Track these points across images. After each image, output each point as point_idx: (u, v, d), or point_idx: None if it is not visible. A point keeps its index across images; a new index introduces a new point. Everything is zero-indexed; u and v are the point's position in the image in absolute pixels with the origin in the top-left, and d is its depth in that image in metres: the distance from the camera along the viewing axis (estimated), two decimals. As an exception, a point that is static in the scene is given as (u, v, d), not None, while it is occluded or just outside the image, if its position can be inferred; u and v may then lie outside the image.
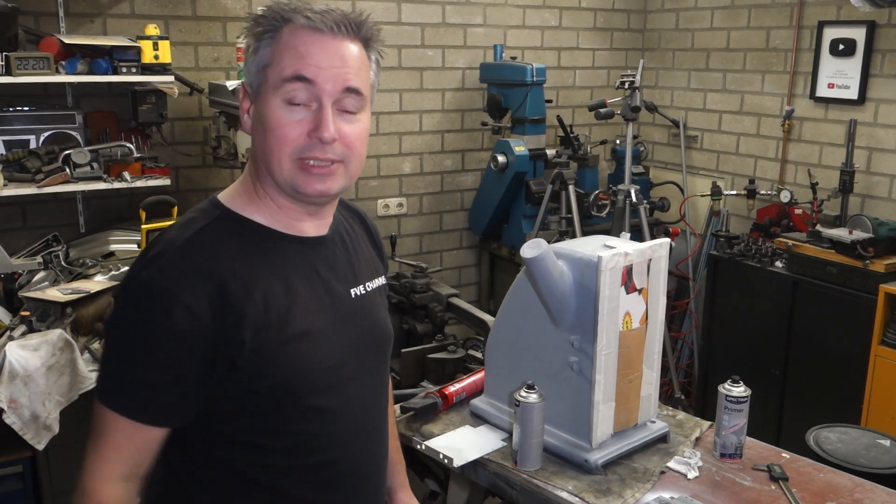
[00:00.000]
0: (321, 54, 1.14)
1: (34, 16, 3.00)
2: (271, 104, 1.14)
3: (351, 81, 1.15)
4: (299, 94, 1.14)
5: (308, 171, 1.16)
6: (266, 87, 1.15)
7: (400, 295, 3.29)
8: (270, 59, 1.15)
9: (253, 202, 1.21)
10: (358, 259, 1.33)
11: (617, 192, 3.75)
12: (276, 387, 1.16)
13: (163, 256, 1.11)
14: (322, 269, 1.25)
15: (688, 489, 1.63)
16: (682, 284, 4.35)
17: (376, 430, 1.36)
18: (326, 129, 1.13)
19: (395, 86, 3.94)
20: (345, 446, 1.26)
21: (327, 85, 1.14)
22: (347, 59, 1.16)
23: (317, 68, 1.13)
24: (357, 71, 1.16)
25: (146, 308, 1.09)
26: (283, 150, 1.14)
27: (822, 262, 3.35)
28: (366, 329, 1.30)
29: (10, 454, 2.51)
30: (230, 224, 1.19)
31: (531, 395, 1.63)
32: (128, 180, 2.93)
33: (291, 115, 1.14)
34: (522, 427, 1.65)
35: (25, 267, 2.81)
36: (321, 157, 1.15)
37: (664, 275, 1.74)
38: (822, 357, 3.42)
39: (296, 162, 1.15)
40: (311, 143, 1.14)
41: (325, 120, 1.13)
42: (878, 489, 1.64)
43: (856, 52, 3.64)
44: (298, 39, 1.14)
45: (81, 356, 2.53)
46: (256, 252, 1.18)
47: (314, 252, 1.25)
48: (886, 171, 3.60)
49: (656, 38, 4.68)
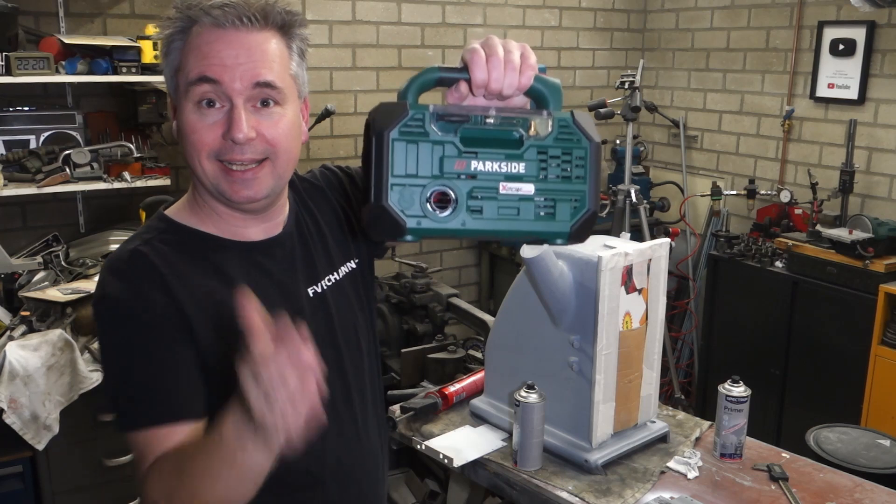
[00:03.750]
0: (225, 51, 1.08)
1: (34, 16, 3.00)
2: (185, 109, 1.10)
3: (262, 76, 1.09)
4: (208, 96, 1.09)
5: (231, 176, 1.11)
6: (179, 93, 1.11)
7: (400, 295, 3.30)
8: (179, 63, 1.10)
9: (196, 213, 1.19)
10: (320, 251, 1.29)
11: (617, 192, 3.75)
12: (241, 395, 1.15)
13: (109, 275, 1.11)
14: (275, 272, 1.21)
15: (688, 489, 1.63)
16: (682, 284, 4.35)
17: (364, 432, 1.31)
18: (239, 130, 1.07)
19: (395, 86, 3.91)
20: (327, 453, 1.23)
21: (235, 83, 1.08)
22: (254, 53, 1.09)
23: (221, 67, 1.08)
24: (269, 63, 1.10)
25: (118, 323, 1.09)
26: (200, 154, 1.11)
27: (822, 262, 3.35)
28: (329, 328, 1.26)
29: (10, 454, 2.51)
30: (175, 236, 1.17)
31: (531, 395, 1.63)
32: (128, 180, 2.93)
33: (204, 119, 1.09)
34: (522, 427, 1.65)
35: (25, 267, 2.81)
36: (240, 158, 1.10)
37: (664, 275, 1.74)
38: (822, 357, 3.42)
39: (216, 165, 1.11)
40: (227, 144, 1.09)
41: (236, 120, 1.08)
42: (878, 489, 1.64)
43: (856, 52, 3.64)
44: (202, 39, 1.09)
45: (81, 356, 2.53)
46: (202, 262, 1.15)
47: (265, 256, 1.21)
48: (886, 171, 3.60)
49: (656, 38, 4.68)
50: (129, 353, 1.09)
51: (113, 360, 1.13)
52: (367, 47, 3.82)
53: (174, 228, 1.18)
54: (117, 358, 1.12)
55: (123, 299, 1.09)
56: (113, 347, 1.11)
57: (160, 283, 1.10)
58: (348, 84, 3.81)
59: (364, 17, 3.79)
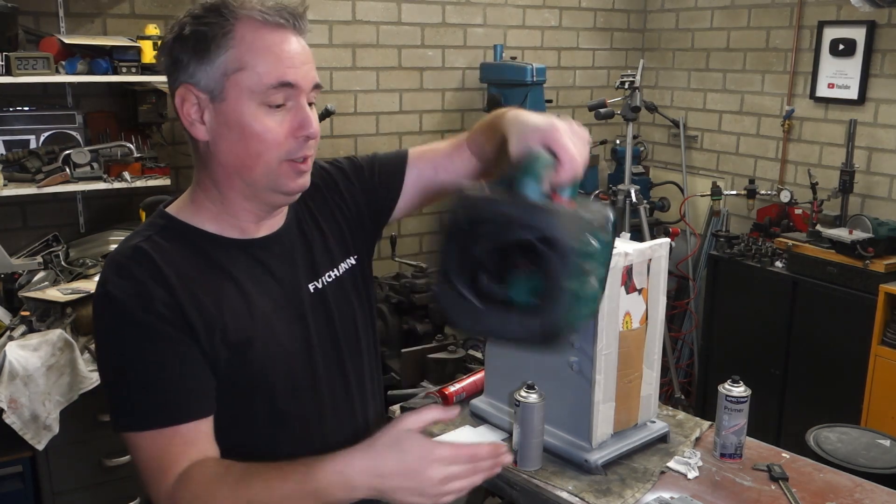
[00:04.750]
0: (296, 54, 1.12)
1: (34, 16, 3.00)
2: (248, 109, 1.10)
3: (316, 78, 1.16)
4: (286, 99, 1.12)
5: (297, 168, 1.15)
6: (237, 92, 1.10)
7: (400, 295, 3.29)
8: (240, 63, 1.09)
9: (197, 211, 1.19)
10: (320, 247, 1.29)
11: (617, 192, 3.75)
12: (245, 392, 1.14)
13: (111, 272, 1.11)
14: (276, 269, 1.22)
15: (688, 489, 1.63)
16: (682, 284, 4.35)
17: (363, 427, 1.32)
18: (312, 126, 1.14)
19: (395, 86, 3.94)
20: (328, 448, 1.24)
21: (305, 84, 1.13)
22: (309, 55, 1.15)
23: (295, 70, 1.11)
24: (314, 65, 1.16)
25: (121, 321, 1.08)
26: (270, 153, 1.12)
27: (822, 262, 3.35)
28: (329, 324, 1.26)
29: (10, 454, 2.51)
30: (176, 232, 1.17)
31: (531, 395, 1.63)
32: (128, 180, 2.93)
33: (275, 119, 1.11)
34: (522, 427, 1.65)
35: (25, 267, 2.81)
36: (310, 154, 1.16)
37: (664, 275, 1.74)
38: (822, 357, 3.42)
39: (282, 164, 1.13)
40: (298, 142, 1.13)
41: (310, 119, 1.14)
42: (878, 489, 1.64)
43: (856, 52, 3.64)
44: (267, 40, 1.10)
45: (81, 356, 2.53)
46: (203, 259, 1.16)
47: (266, 252, 1.22)
48: (886, 171, 3.60)
49: (656, 38, 4.68)
50: (133, 352, 1.08)
51: (114, 359, 1.11)
52: (367, 47, 3.82)
53: (175, 225, 1.18)
54: (119, 356, 1.10)
55: (126, 297, 1.08)
56: (114, 345, 1.10)
57: (162, 280, 1.10)
58: (348, 84, 3.81)
59: (364, 17, 3.79)
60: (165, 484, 1.06)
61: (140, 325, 1.08)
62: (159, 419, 1.08)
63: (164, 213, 1.20)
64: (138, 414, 1.09)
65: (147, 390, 1.09)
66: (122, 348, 1.10)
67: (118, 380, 1.11)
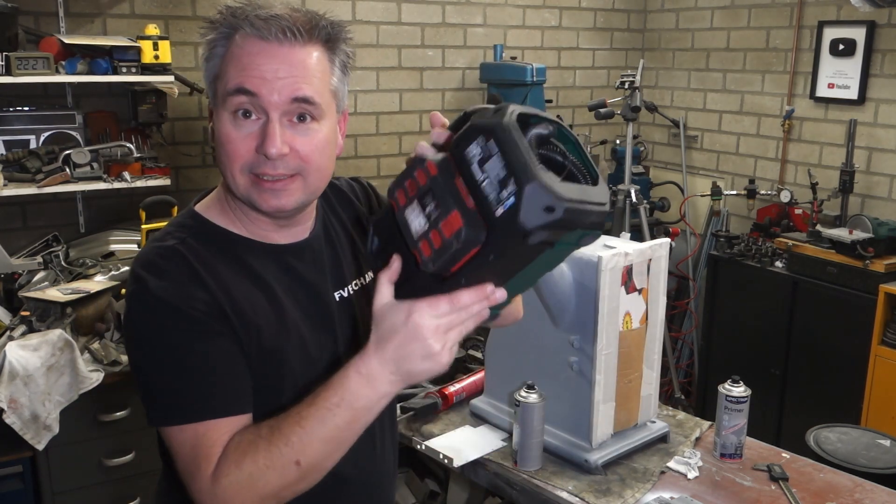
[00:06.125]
0: (266, 64, 1.07)
1: (34, 16, 3.00)
2: (222, 117, 1.10)
3: (301, 91, 1.08)
4: (244, 107, 1.08)
5: (261, 185, 1.11)
6: (217, 100, 1.11)
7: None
8: (219, 70, 1.11)
9: (226, 214, 1.19)
10: (348, 256, 1.29)
11: (617, 192, 3.75)
12: (270, 399, 1.14)
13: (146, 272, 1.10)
14: (306, 275, 1.21)
15: (688, 489, 1.63)
16: (682, 284, 4.35)
17: (380, 439, 1.32)
18: (273, 145, 1.07)
19: (395, 86, 3.94)
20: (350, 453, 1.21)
21: (273, 96, 1.07)
22: (296, 68, 1.08)
23: (260, 80, 1.07)
24: (309, 78, 1.09)
25: (162, 318, 1.08)
26: (234, 165, 1.10)
27: (822, 262, 3.35)
28: (354, 332, 1.26)
29: (10, 454, 2.51)
30: (208, 235, 1.16)
31: (531, 395, 1.64)
32: (128, 180, 2.93)
33: (239, 130, 1.09)
34: (522, 427, 1.65)
35: (25, 267, 2.81)
36: (272, 172, 1.09)
37: (664, 275, 1.74)
38: (822, 357, 3.42)
39: (248, 177, 1.11)
40: (260, 158, 1.09)
41: (270, 135, 1.07)
42: (878, 489, 1.64)
43: (856, 52, 3.64)
44: (245, 49, 1.08)
45: (81, 356, 2.53)
46: (235, 263, 1.15)
47: (296, 258, 1.21)
48: (886, 171, 3.60)
49: (656, 38, 4.68)
50: (177, 348, 1.08)
51: (156, 355, 1.10)
52: (367, 47, 3.82)
53: (206, 227, 1.18)
54: (162, 353, 1.09)
55: (168, 295, 1.08)
56: (156, 342, 1.09)
57: (200, 282, 1.10)
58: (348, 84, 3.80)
59: (364, 17, 3.78)
60: (206, 473, 1.06)
61: (184, 319, 1.07)
62: (205, 411, 1.08)
63: (195, 213, 1.20)
64: (184, 406, 1.08)
65: (193, 382, 1.08)
66: (164, 342, 1.09)
67: (159, 374, 1.10)
